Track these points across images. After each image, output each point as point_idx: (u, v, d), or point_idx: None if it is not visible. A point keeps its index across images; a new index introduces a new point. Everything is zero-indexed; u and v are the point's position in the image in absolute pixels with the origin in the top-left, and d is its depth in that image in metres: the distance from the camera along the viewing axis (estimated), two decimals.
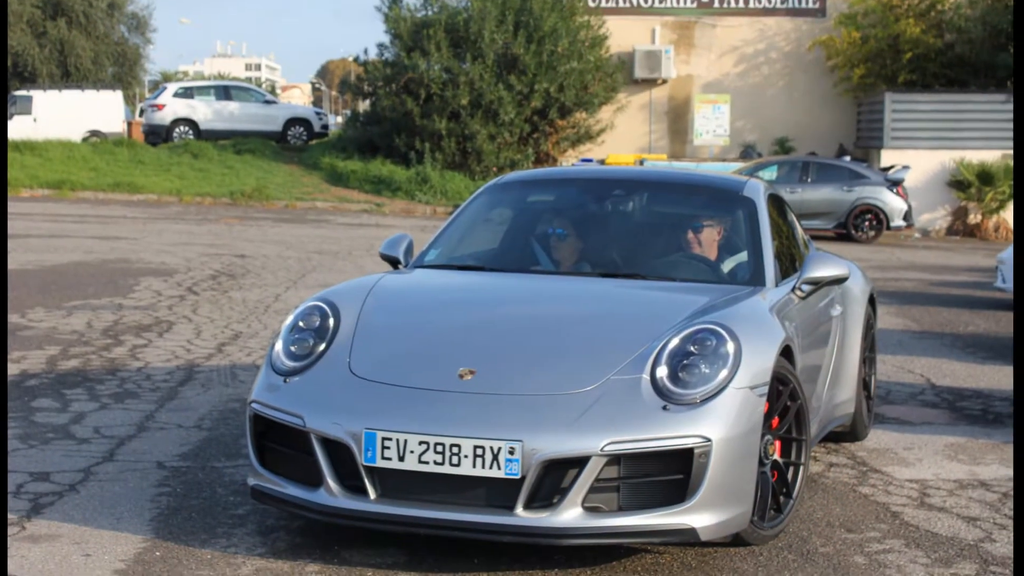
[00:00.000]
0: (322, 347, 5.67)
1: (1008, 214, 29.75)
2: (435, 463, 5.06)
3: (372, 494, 5.15)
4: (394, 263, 6.94)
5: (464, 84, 32.45)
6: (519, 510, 5.01)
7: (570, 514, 5.01)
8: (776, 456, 5.70)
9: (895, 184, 27.15)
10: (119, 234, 21.53)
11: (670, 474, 5.12)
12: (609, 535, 5.07)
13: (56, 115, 37.79)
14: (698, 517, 5.12)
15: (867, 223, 27.08)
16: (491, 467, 5.02)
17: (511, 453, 5.00)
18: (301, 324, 5.82)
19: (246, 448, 5.83)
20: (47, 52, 48.82)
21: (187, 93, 39.86)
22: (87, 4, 49.84)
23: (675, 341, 5.43)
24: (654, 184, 7.55)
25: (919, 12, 33.55)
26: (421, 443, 5.08)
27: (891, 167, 28.41)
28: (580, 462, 5.02)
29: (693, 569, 5.37)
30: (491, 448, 5.02)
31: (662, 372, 5.30)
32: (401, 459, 5.09)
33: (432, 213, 31.10)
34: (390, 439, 5.10)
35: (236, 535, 5.67)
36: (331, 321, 5.80)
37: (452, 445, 5.05)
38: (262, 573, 5.19)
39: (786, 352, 5.84)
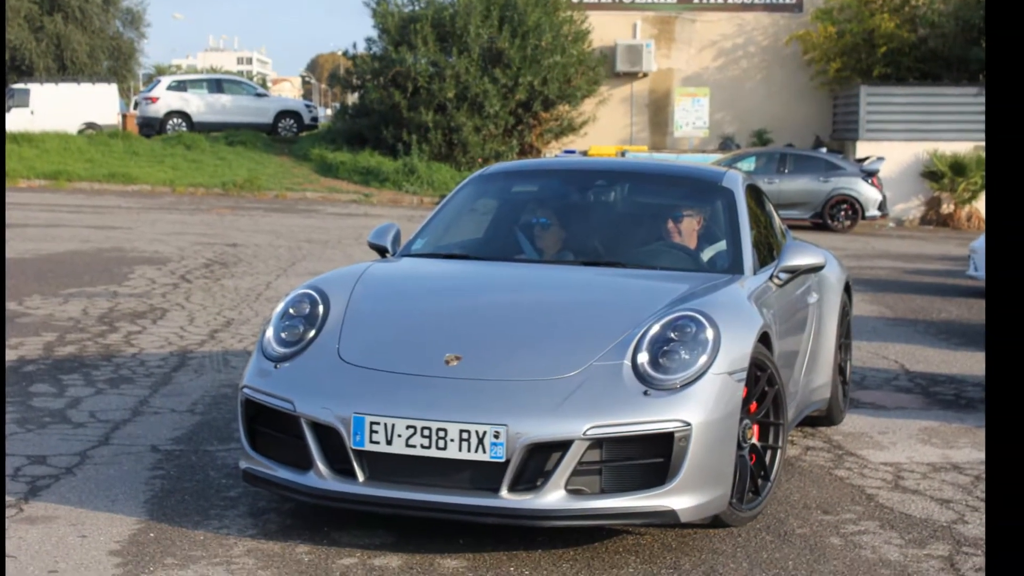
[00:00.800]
0: (312, 334, 5.72)
1: (980, 204, 29.96)
2: (422, 447, 5.12)
3: (360, 477, 5.20)
4: (382, 252, 6.99)
5: (450, 77, 32.48)
6: (504, 492, 5.06)
7: (553, 496, 5.06)
8: (754, 440, 5.77)
9: (870, 175, 27.30)
10: (114, 224, 21.56)
11: (651, 457, 5.17)
12: (591, 517, 5.12)
13: (53, 108, 37.77)
14: (678, 499, 5.17)
15: (843, 213, 27.23)
16: (476, 451, 5.07)
17: (496, 437, 5.06)
18: (291, 311, 5.87)
19: (238, 432, 5.89)
20: (44, 46, 48.60)
21: (180, 86, 39.82)
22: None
23: (656, 328, 5.48)
24: (635, 175, 7.57)
25: (893, 7, 33.65)
26: (408, 427, 5.13)
27: (866, 158, 28.56)
28: (563, 446, 5.08)
29: (673, 550, 5.44)
30: (476, 432, 5.07)
31: (643, 358, 5.35)
32: (389, 443, 5.14)
33: (419, 203, 31.16)
34: (378, 423, 5.15)
35: (228, 517, 5.73)
36: (320, 308, 5.85)
37: (438, 429, 5.10)
38: (253, 554, 5.25)
39: (764, 338, 5.89)
